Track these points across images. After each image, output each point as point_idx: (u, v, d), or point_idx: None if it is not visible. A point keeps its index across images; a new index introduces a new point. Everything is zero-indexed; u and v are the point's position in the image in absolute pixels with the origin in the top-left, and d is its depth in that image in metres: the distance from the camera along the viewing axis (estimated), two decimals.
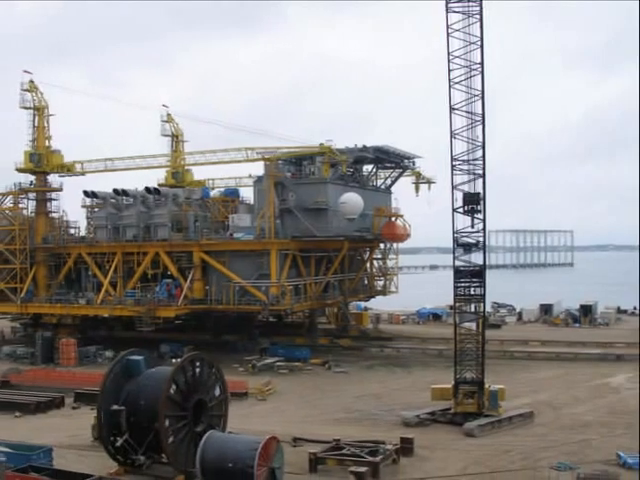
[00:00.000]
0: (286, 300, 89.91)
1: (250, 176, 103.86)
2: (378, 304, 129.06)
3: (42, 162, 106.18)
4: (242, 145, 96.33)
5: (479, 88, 55.66)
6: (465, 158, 56.28)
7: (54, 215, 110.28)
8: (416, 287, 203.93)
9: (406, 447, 49.35)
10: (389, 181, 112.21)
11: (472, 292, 57.95)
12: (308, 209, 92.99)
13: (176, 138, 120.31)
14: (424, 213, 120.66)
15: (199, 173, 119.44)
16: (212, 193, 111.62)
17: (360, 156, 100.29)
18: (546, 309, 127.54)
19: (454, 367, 59.06)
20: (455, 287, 58.05)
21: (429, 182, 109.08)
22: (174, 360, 74.01)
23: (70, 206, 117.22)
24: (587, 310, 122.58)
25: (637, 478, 42.18)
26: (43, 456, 46.96)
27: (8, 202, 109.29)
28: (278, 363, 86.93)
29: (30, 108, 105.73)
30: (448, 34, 55.52)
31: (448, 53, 55.70)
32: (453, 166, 56.44)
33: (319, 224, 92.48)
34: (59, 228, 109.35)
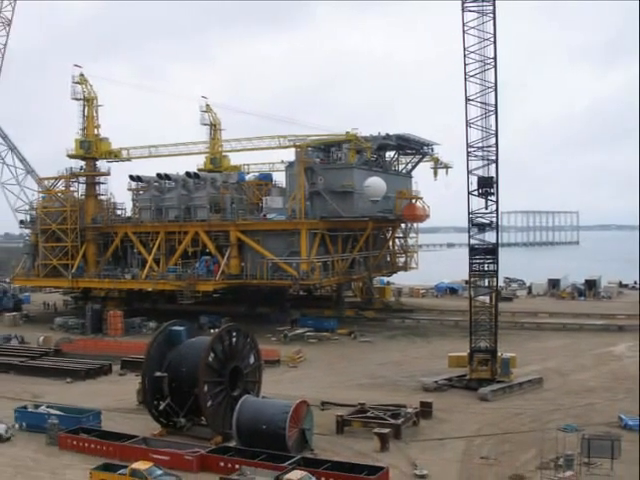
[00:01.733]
0: (315, 275, 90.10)
1: (282, 162, 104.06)
2: (400, 279, 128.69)
3: (91, 149, 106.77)
4: (275, 133, 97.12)
5: (492, 81, 55.65)
6: (479, 145, 56.28)
7: (102, 197, 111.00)
8: (434, 263, 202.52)
9: (425, 410, 49.72)
10: (410, 166, 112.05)
11: (486, 268, 58.27)
12: (335, 192, 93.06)
13: (214, 127, 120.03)
14: (442, 195, 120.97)
15: (235, 159, 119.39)
16: (247, 177, 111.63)
17: (383, 143, 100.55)
18: (554, 283, 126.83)
19: (469, 337, 59.18)
20: (470, 263, 58.38)
21: (446, 167, 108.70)
22: (212, 330, 74.53)
23: (117, 189, 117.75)
24: (591, 284, 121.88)
25: (637, 439, 42.02)
26: (92, 419, 47.90)
27: (60, 185, 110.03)
28: (308, 333, 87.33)
29: (80, 99, 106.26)
30: (464, 31, 55.44)
31: (464, 48, 55.55)
32: (468, 152, 56.49)
33: (345, 206, 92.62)
34: (107, 209, 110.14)
